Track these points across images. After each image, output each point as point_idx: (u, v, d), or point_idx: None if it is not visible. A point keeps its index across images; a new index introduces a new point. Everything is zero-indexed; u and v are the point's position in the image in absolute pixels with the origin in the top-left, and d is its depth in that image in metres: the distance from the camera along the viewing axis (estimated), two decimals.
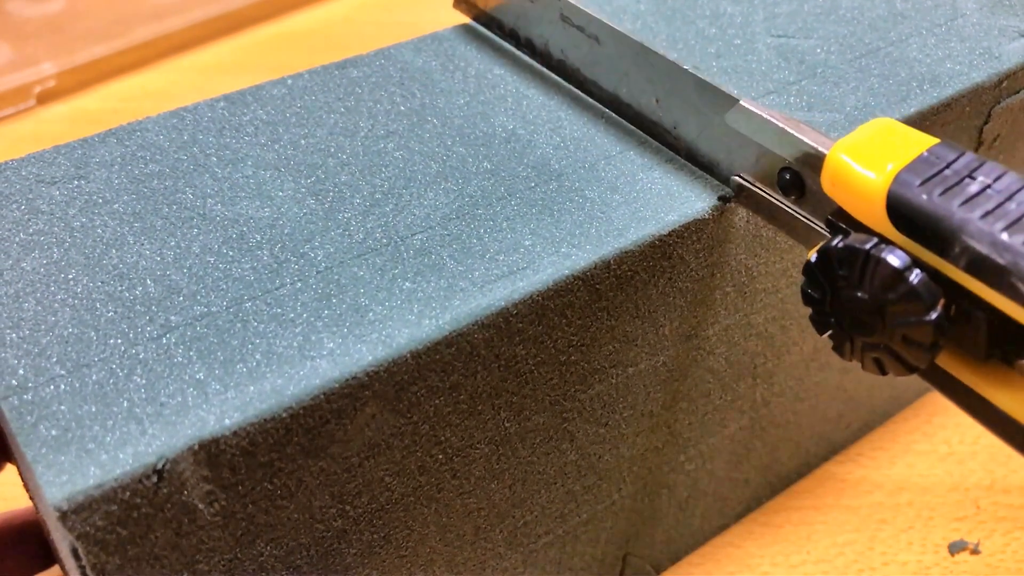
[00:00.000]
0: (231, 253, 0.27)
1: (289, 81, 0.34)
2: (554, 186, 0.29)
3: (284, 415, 0.23)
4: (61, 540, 0.22)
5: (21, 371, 0.23)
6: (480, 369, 0.26)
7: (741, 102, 0.28)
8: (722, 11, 0.37)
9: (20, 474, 0.28)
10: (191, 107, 0.32)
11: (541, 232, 0.28)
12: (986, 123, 0.35)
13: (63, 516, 0.21)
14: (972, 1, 0.38)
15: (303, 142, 0.31)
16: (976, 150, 0.36)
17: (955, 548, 0.40)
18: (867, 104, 0.32)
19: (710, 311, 0.32)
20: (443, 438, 0.27)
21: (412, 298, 0.25)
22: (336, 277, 0.26)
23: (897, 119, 0.32)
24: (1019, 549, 0.40)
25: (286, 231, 0.27)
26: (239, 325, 0.25)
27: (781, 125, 0.27)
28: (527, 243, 0.27)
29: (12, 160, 0.30)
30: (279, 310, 0.25)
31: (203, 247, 0.27)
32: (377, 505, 0.27)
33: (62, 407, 0.22)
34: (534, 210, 0.28)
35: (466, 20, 0.38)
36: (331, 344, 0.24)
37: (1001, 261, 0.21)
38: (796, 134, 0.26)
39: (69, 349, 0.24)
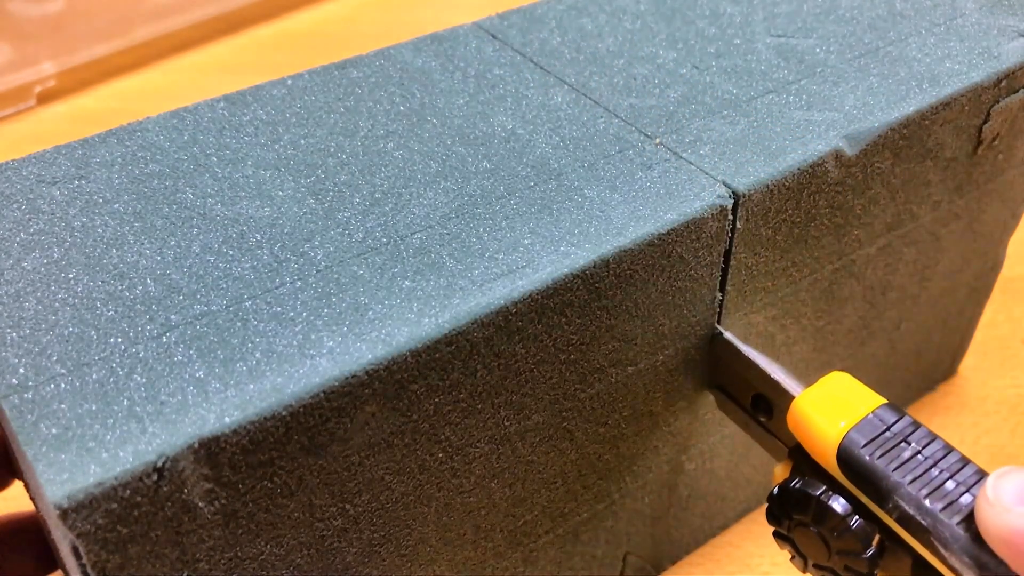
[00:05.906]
0: (231, 252, 0.27)
1: (289, 81, 0.34)
2: (553, 185, 0.29)
3: (284, 413, 0.23)
4: (62, 539, 0.22)
5: (22, 370, 0.23)
6: (480, 368, 0.26)
7: (724, 335, 0.32)
8: (722, 11, 0.37)
9: (21, 475, 0.28)
10: (191, 107, 0.32)
11: (540, 231, 0.28)
12: (985, 122, 0.35)
13: (64, 514, 0.21)
14: (971, 1, 0.38)
15: (303, 142, 0.31)
16: (975, 149, 0.36)
17: None
18: (866, 103, 0.32)
19: (710, 310, 0.32)
20: (443, 437, 0.27)
21: (412, 297, 0.25)
22: (336, 276, 0.26)
23: (897, 118, 0.32)
24: None
25: (286, 230, 0.28)
26: (239, 324, 0.25)
27: (756, 361, 0.31)
28: (526, 242, 0.27)
29: (12, 160, 0.30)
30: (279, 309, 0.25)
31: (203, 246, 0.27)
32: (377, 504, 0.27)
33: (63, 406, 0.22)
34: (533, 209, 0.28)
35: (465, 21, 0.38)
36: (331, 343, 0.24)
37: (924, 523, 0.25)
38: (769, 374, 0.30)
39: (69, 348, 0.24)
